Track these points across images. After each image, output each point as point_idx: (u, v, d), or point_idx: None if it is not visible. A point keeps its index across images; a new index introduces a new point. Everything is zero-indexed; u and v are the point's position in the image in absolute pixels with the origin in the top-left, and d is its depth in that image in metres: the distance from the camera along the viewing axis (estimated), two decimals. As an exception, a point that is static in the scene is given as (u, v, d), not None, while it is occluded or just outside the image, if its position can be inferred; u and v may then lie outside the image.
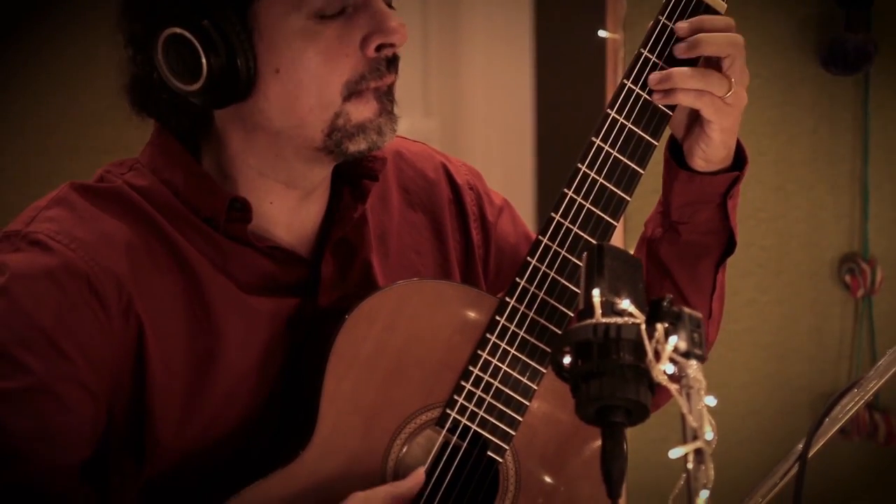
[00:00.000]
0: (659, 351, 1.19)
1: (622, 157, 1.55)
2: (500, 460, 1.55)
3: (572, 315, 1.55)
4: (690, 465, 1.15)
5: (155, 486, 1.51)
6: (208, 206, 1.52)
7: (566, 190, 1.55)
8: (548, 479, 1.58)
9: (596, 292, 1.24)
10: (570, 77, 3.56)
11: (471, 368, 1.54)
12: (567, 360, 1.25)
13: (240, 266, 1.54)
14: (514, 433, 1.55)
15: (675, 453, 1.15)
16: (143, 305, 1.48)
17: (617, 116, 1.54)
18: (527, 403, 1.54)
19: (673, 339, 1.19)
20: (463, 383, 1.54)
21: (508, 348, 1.54)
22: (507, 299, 1.54)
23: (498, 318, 1.54)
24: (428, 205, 1.71)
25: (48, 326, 1.43)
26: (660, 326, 1.20)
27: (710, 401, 1.17)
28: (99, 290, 1.45)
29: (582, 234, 1.55)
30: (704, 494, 1.14)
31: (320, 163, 1.54)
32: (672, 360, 1.18)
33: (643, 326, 1.21)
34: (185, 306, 1.50)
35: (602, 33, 2.95)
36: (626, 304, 1.24)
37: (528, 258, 1.55)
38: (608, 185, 1.54)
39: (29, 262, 1.45)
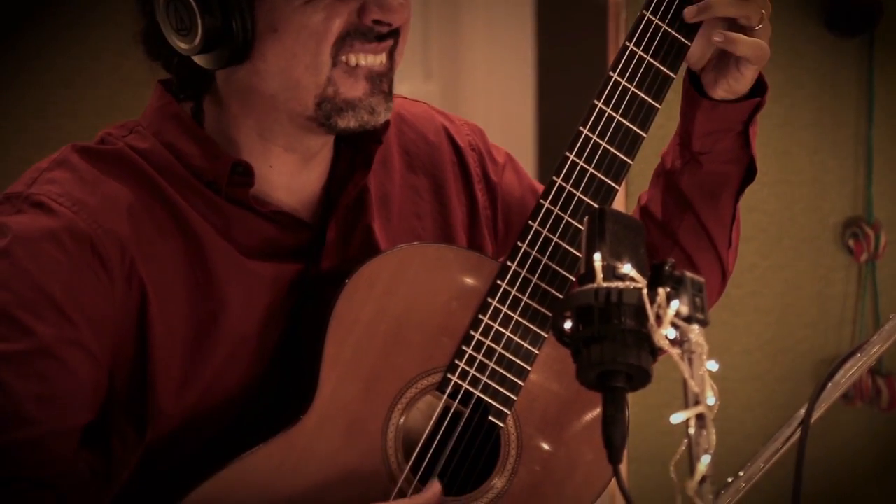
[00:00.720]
0: (661, 315, 1.19)
1: (624, 121, 1.54)
2: (502, 425, 1.56)
3: (574, 279, 1.55)
4: (692, 431, 1.15)
5: (155, 451, 1.52)
6: (210, 169, 1.52)
7: (568, 153, 1.54)
8: (549, 445, 1.59)
9: (597, 256, 1.24)
10: (571, 39, 3.54)
11: (472, 333, 1.54)
12: (568, 324, 1.26)
13: (242, 230, 1.54)
14: (515, 398, 1.55)
15: (676, 418, 1.15)
16: (146, 269, 1.48)
17: (619, 79, 1.54)
18: (528, 368, 1.55)
19: (675, 304, 1.19)
20: (464, 348, 1.54)
21: (510, 313, 1.54)
22: (509, 263, 1.54)
23: (499, 282, 1.54)
24: (430, 168, 1.70)
25: (51, 289, 1.43)
26: (661, 291, 1.20)
27: (712, 366, 1.17)
28: (102, 253, 1.45)
29: (584, 197, 1.54)
30: (706, 460, 1.14)
31: (315, 132, 1.54)
32: (674, 325, 1.18)
33: (645, 291, 1.21)
34: (188, 270, 1.50)
35: (604, -5, 2.94)
36: (627, 268, 1.24)
37: (530, 222, 1.55)
38: (610, 148, 1.54)
39: (31, 224, 1.45)
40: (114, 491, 1.52)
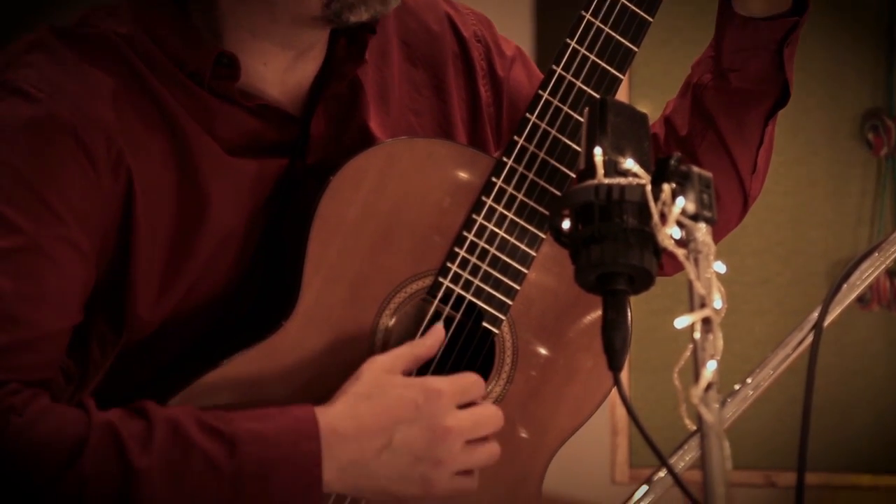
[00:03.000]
0: (665, 213, 1.18)
1: (629, 4, 1.53)
2: (497, 332, 1.56)
3: (573, 176, 1.54)
4: (697, 336, 1.15)
5: (131, 357, 1.52)
6: (193, 59, 1.51)
7: (568, 40, 1.53)
8: (546, 352, 1.59)
9: (598, 151, 1.24)
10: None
11: (465, 234, 1.54)
12: (566, 223, 1.25)
13: (225, 125, 1.52)
14: (510, 303, 1.55)
15: (680, 322, 1.15)
16: (134, 161, 1.47)
17: (623, -41, 1.52)
18: (524, 271, 1.54)
19: (680, 201, 1.18)
20: (456, 250, 1.54)
21: (505, 212, 1.54)
22: (505, 159, 1.54)
23: (494, 179, 1.54)
24: (430, 60, 1.69)
25: (36, 183, 1.42)
26: (666, 187, 1.19)
27: (720, 267, 1.17)
28: (87, 143, 1.44)
29: (585, 87, 1.53)
30: (712, 366, 1.14)
31: (318, 28, 1.53)
32: (679, 224, 1.18)
33: (648, 187, 1.20)
34: (174, 166, 1.50)
35: None
36: (630, 163, 1.23)
37: (527, 115, 1.54)
38: (614, 34, 1.53)
39: (11, 113, 1.44)
40: (83, 395, 1.52)
